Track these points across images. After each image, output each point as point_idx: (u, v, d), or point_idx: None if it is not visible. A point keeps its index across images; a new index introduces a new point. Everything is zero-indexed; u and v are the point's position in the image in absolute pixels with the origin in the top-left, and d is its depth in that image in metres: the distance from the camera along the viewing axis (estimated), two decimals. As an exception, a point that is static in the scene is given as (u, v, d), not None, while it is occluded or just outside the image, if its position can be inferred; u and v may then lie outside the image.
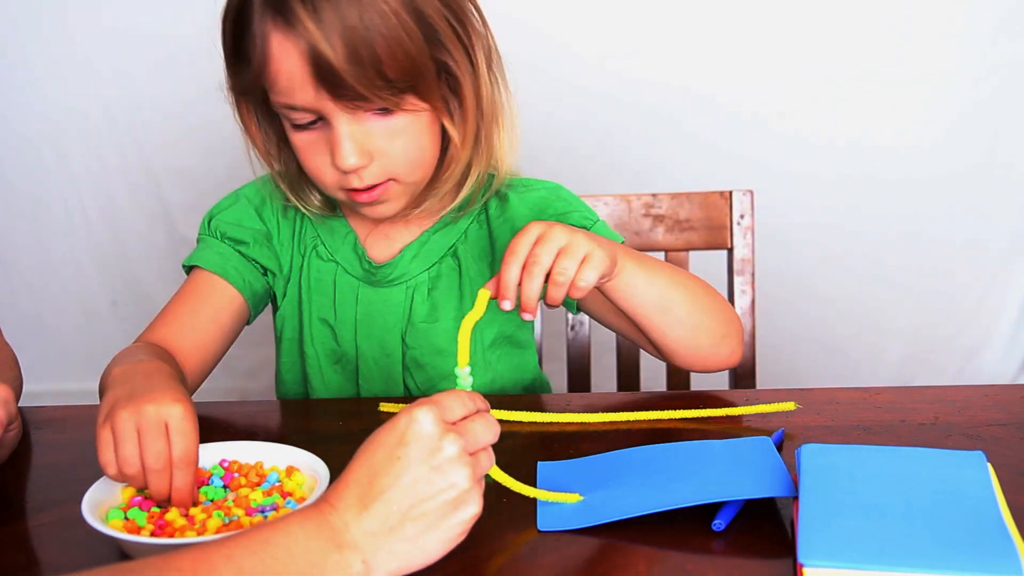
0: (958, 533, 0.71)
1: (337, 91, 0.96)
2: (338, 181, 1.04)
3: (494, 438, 0.76)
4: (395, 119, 1.01)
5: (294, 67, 0.96)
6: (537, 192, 1.19)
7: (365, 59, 0.94)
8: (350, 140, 1.00)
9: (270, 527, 0.68)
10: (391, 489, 0.70)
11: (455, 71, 1.03)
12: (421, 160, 1.06)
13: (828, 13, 2.44)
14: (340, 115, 0.99)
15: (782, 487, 0.80)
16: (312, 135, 1.03)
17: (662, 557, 0.75)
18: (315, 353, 1.19)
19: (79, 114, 2.58)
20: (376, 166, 1.02)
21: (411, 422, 0.71)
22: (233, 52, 1.04)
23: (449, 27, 1.01)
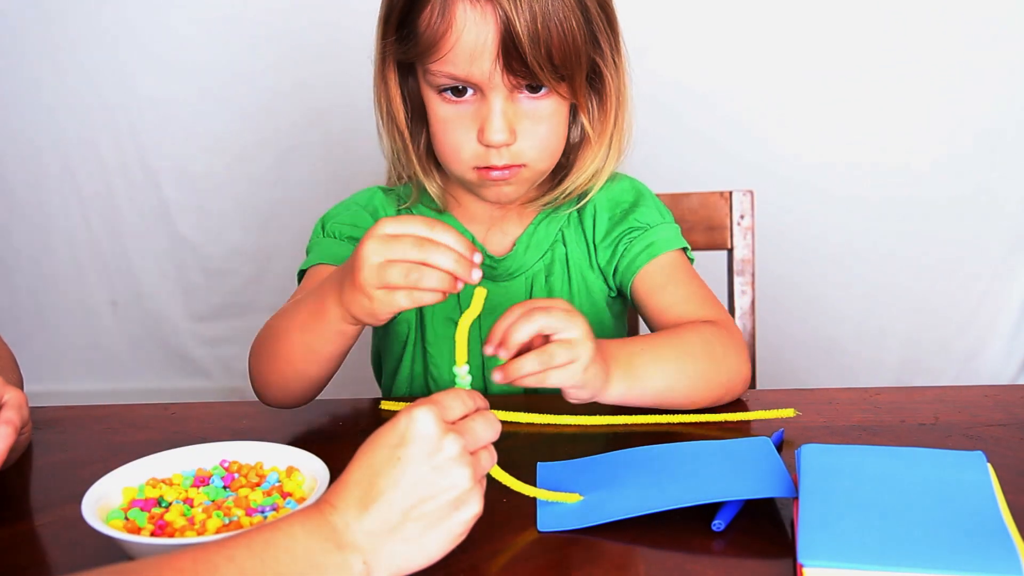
0: (958, 533, 0.71)
1: (514, 66, 1.01)
2: (475, 157, 1.07)
3: (495, 436, 0.76)
4: (544, 103, 1.06)
5: (484, 37, 1.00)
6: (618, 184, 1.23)
7: (543, 40, 1.00)
8: (503, 116, 1.04)
9: (271, 528, 0.68)
10: (391, 490, 0.70)
11: (602, 70, 1.10)
12: (554, 149, 1.11)
13: (829, 13, 2.44)
14: (500, 90, 1.03)
15: (782, 487, 0.80)
16: (460, 108, 1.06)
17: (662, 557, 0.75)
18: (440, 352, 1.21)
19: (79, 114, 2.59)
20: (515, 147, 1.06)
21: (411, 422, 0.71)
22: (401, 17, 1.06)
23: (604, 28, 1.08)
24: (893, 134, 2.50)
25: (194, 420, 1.08)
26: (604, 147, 1.15)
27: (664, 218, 1.21)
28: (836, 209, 2.53)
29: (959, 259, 2.56)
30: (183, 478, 0.87)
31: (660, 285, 1.15)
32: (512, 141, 1.06)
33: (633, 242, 1.18)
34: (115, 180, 2.63)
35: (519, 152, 1.07)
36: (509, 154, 1.07)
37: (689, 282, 1.16)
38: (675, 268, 1.17)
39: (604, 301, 1.23)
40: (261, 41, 2.53)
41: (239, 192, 2.62)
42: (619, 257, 1.19)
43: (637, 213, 1.19)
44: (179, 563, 0.64)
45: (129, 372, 2.73)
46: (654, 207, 1.22)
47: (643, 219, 1.19)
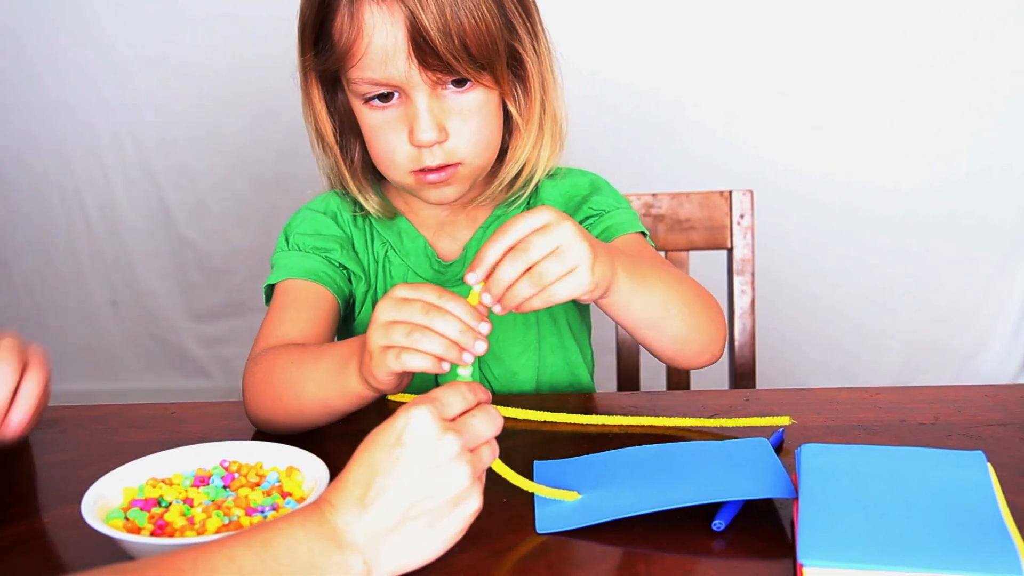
0: (958, 533, 0.71)
1: (429, 61, 1.00)
2: (410, 160, 1.07)
3: (496, 431, 0.76)
4: (470, 96, 1.06)
5: (393, 37, 1.00)
6: (571, 179, 1.22)
7: (454, 32, 1.00)
8: (429, 114, 1.04)
9: (271, 527, 0.68)
10: (390, 489, 0.70)
11: (523, 57, 1.09)
12: (488, 143, 1.10)
13: (830, 16, 2.45)
14: (422, 89, 1.03)
15: (781, 488, 0.80)
16: (387, 113, 1.06)
17: (662, 557, 0.75)
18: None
19: (79, 114, 2.59)
20: (448, 145, 1.06)
21: (408, 421, 0.71)
22: (316, 30, 1.06)
23: (519, 15, 1.08)
24: (893, 135, 2.50)
25: (194, 420, 1.08)
26: (533, 133, 1.13)
27: (620, 203, 1.20)
28: (836, 209, 2.53)
29: (959, 259, 2.57)
30: (183, 478, 0.87)
31: None
32: (443, 139, 1.05)
33: (590, 229, 1.16)
34: (115, 180, 2.63)
35: (452, 150, 1.06)
36: (443, 152, 1.06)
37: (653, 261, 1.12)
38: (639, 248, 1.15)
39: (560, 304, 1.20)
40: (261, 41, 2.53)
41: (239, 192, 2.62)
42: None
43: (591, 201, 1.18)
44: (179, 563, 0.64)
45: (129, 372, 2.74)
46: (610, 194, 1.20)
47: (598, 206, 1.18)
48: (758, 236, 1.48)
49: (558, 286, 0.83)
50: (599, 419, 1.02)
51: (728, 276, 1.45)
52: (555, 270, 0.82)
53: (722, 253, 1.47)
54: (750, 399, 1.07)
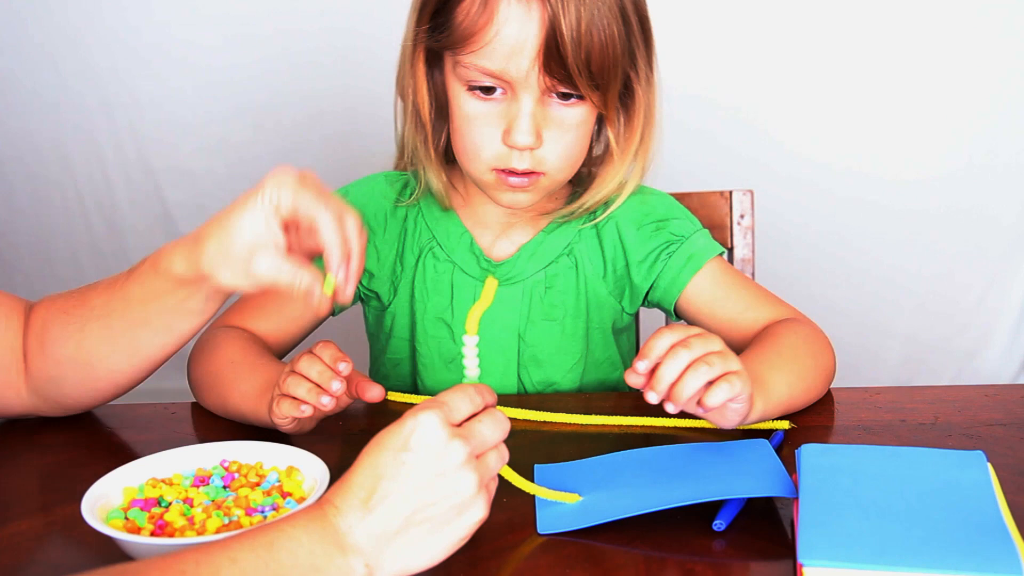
0: (958, 533, 0.71)
1: (552, 67, 0.99)
2: (496, 158, 1.05)
3: (503, 436, 0.75)
4: (573, 111, 1.04)
5: (527, 34, 0.98)
6: (642, 197, 1.20)
7: (584, 45, 0.98)
8: (531, 118, 1.02)
9: (274, 529, 0.68)
10: (395, 494, 0.69)
11: (634, 87, 1.08)
12: (575, 160, 1.09)
13: (829, 14, 2.45)
14: (533, 92, 1.01)
15: (781, 487, 0.80)
16: (488, 106, 1.04)
17: (662, 557, 0.75)
18: (429, 352, 1.19)
19: (79, 114, 2.59)
20: (539, 153, 1.04)
21: (416, 426, 0.71)
22: (440, 4, 1.03)
23: (641, 43, 1.07)
24: (893, 135, 2.50)
25: (194, 420, 1.08)
26: (627, 164, 1.13)
27: (696, 226, 1.19)
28: (836, 209, 2.53)
29: (959, 259, 2.56)
30: (183, 478, 0.87)
31: (718, 297, 1.14)
32: (537, 145, 1.03)
33: (672, 257, 1.15)
34: (115, 180, 2.63)
35: (541, 159, 1.05)
36: (531, 159, 1.04)
37: (744, 285, 1.15)
38: (723, 275, 1.16)
39: (611, 320, 1.21)
40: (261, 41, 2.53)
41: (239, 192, 2.61)
42: (658, 275, 1.16)
43: (670, 226, 1.17)
44: (181, 564, 0.64)
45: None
46: (686, 219, 1.19)
47: (678, 231, 1.17)
48: (758, 236, 1.48)
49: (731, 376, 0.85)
50: (599, 419, 1.02)
51: (728, 276, 1.45)
52: (720, 364, 0.84)
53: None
54: (750, 399, 1.07)
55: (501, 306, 1.16)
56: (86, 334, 0.97)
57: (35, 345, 0.99)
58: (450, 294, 1.17)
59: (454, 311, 1.17)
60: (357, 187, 1.22)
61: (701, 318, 1.15)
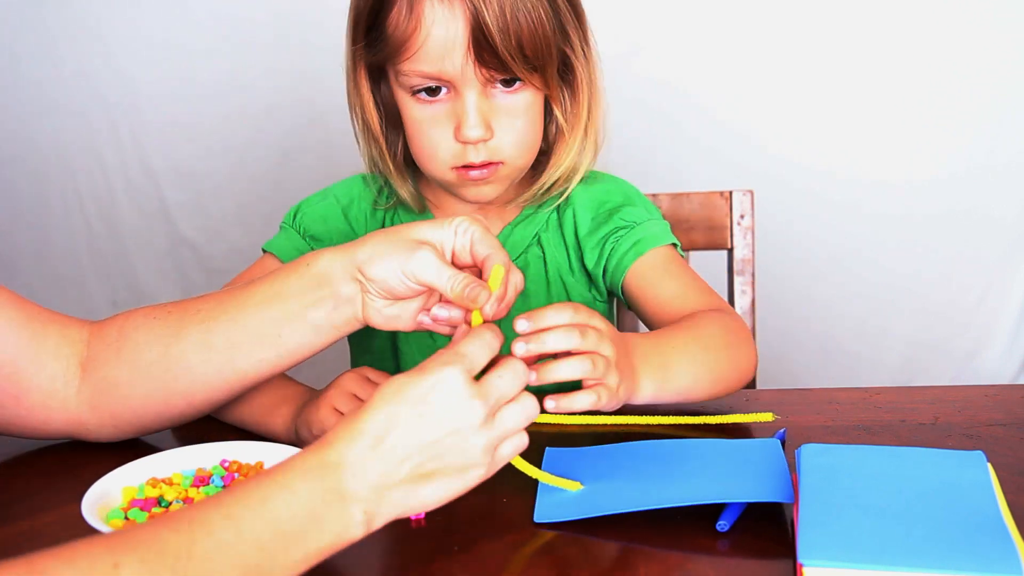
0: (958, 533, 0.71)
1: (485, 58, 1.01)
2: (453, 156, 1.07)
3: (521, 387, 0.75)
4: (518, 96, 1.07)
5: (454, 31, 1.00)
6: (601, 184, 1.22)
7: (512, 31, 1.01)
8: (477, 111, 1.04)
9: (269, 480, 0.67)
10: (405, 445, 0.69)
11: (573, 62, 1.11)
12: (531, 144, 1.11)
13: (829, 15, 2.45)
14: (474, 85, 1.04)
15: (780, 492, 0.80)
16: (434, 108, 1.06)
17: (662, 557, 0.75)
18: (411, 350, 1.21)
19: (79, 114, 2.59)
20: (492, 143, 1.06)
21: (438, 382, 0.71)
22: (370, 21, 1.06)
23: (571, 20, 1.09)
24: (893, 135, 2.50)
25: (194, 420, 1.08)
26: (578, 140, 1.14)
27: (651, 214, 1.19)
28: (836, 209, 2.53)
29: (959, 259, 2.56)
30: (183, 478, 0.87)
31: (655, 280, 1.14)
32: (489, 136, 1.06)
33: (620, 241, 1.16)
34: (115, 180, 2.63)
35: (497, 148, 1.07)
36: (487, 150, 1.07)
37: (683, 274, 1.14)
38: (667, 262, 1.15)
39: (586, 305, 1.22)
40: (261, 41, 2.53)
41: (239, 192, 2.62)
42: (607, 257, 1.17)
43: (623, 212, 1.18)
44: (175, 523, 0.63)
45: (129, 372, 2.73)
46: (640, 205, 1.20)
47: (629, 217, 1.18)
48: (758, 236, 1.48)
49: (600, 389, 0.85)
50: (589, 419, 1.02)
51: (728, 276, 1.46)
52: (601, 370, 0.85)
53: (722, 253, 1.47)
54: (750, 399, 1.07)
55: None
56: (181, 338, 0.91)
57: (108, 351, 0.94)
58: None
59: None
60: (339, 189, 1.24)
61: (637, 303, 1.16)
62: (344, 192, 1.23)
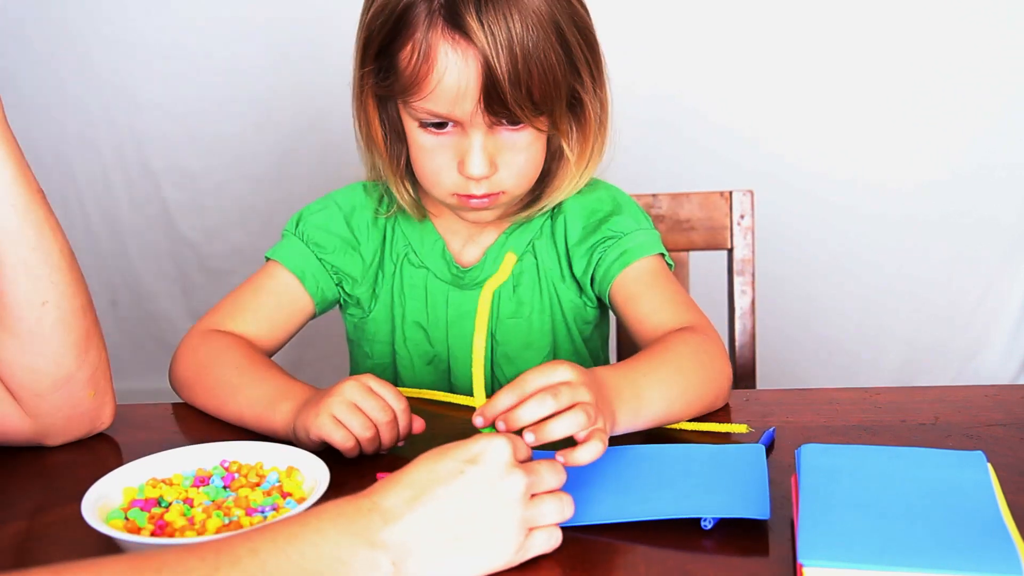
0: (958, 533, 0.71)
1: (493, 107, 1.01)
2: (455, 186, 1.08)
3: (559, 483, 0.76)
4: (522, 135, 1.07)
5: (466, 80, 1.00)
6: (593, 192, 1.21)
7: (522, 79, 1.00)
8: (483, 151, 1.05)
9: (299, 521, 0.67)
10: (443, 500, 0.69)
11: (582, 96, 1.10)
12: (532, 176, 1.12)
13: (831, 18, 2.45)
14: (480, 127, 1.04)
15: (756, 508, 0.79)
16: (440, 139, 1.07)
17: (662, 558, 0.75)
18: (408, 354, 1.22)
19: (79, 114, 2.59)
20: (495, 177, 1.07)
21: (488, 445, 0.72)
22: (380, 52, 1.06)
23: (583, 58, 1.08)
24: (893, 136, 2.50)
25: (194, 420, 1.08)
26: (583, 167, 1.15)
27: (640, 224, 1.19)
28: (837, 210, 2.53)
29: (959, 260, 2.56)
30: (183, 478, 0.87)
31: (637, 294, 1.13)
32: (492, 173, 1.07)
33: (608, 251, 1.16)
34: (115, 180, 2.63)
35: (499, 181, 1.08)
36: (488, 184, 1.07)
37: (665, 288, 1.14)
38: (651, 275, 1.15)
39: (575, 313, 1.22)
40: (261, 42, 2.53)
41: (239, 192, 2.62)
42: (594, 266, 1.17)
43: (612, 222, 1.18)
44: (202, 552, 0.63)
45: (129, 372, 2.73)
46: (630, 215, 1.20)
47: (617, 227, 1.17)
48: (758, 236, 1.48)
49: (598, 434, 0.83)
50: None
51: (728, 276, 1.45)
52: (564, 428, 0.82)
53: (722, 253, 1.47)
54: (750, 399, 1.07)
55: (472, 307, 1.18)
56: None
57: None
58: (424, 299, 1.20)
59: (428, 315, 1.20)
60: (340, 196, 1.23)
61: (620, 314, 1.16)
62: (345, 200, 1.23)
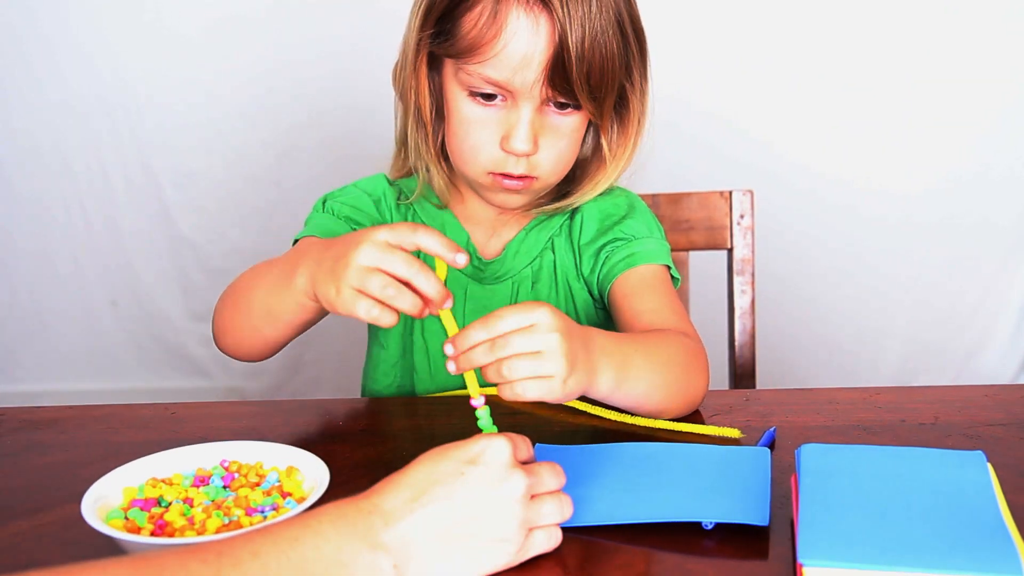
0: (958, 533, 0.71)
1: (556, 81, 1.01)
2: (493, 162, 1.08)
3: (559, 486, 0.75)
4: (569, 119, 1.07)
5: (536, 48, 1.00)
6: (612, 197, 1.22)
7: (586, 60, 1.01)
8: (530, 126, 1.05)
9: (301, 523, 0.67)
10: (444, 501, 0.69)
11: (628, 95, 1.11)
12: (567, 165, 1.13)
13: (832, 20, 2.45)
14: (533, 101, 1.04)
15: (755, 514, 0.79)
16: (488, 112, 1.06)
17: (661, 558, 0.76)
18: (424, 344, 1.21)
19: (79, 114, 2.59)
20: (534, 159, 1.07)
21: (488, 446, 0.72)
22: (446, 11, 1.04)
23: (637, 58, 1.10)
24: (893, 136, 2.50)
25: (194, 420, 1.08)
26: (619, 168, 1.16)
27: (652, 233, 1.19)
28: (836, 210, 2.53)
29: (959, 259, 2.57)
30: (183, 478, 0.87)
31: (636, 291, 1.13)
32: (534, 152, 1.06)
33: (615, 251, 1.17)
34: (115, 180, 2.63)
35: (536, 164, 1.08)
36: (527, 164, 1.07)
37: (665, 295, 1.13)
38: (654, 280, 1.15)
39: (589, 311, 1.22)
40: (261, 42, 2.53)
41: (239, 192, 2.62)
42: (601, 265, 1.18)
43: (624, 225, 1.18)
44: (204, 554, 0.63)
45: (129, 372, 2.74)
46: (643, 221, 1.20)
47: (628, 231, 1.18)
48: (758, 236, 1.48)
49: (528, 385, 0.82)
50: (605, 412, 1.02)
51: (728, 276, 1.46)
52: (526, 369, 0.81)
53: (722, 253, 1.47)
54: (750, 399, 1.07)
55: (492, 302, 1.18)
56: None
57: None
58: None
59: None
60: (365, 183, 1.23)
61: (616, 311, 1.15)
62: (371, 186, 1.22)
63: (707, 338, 1.10)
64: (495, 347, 0.81)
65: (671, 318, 1.10)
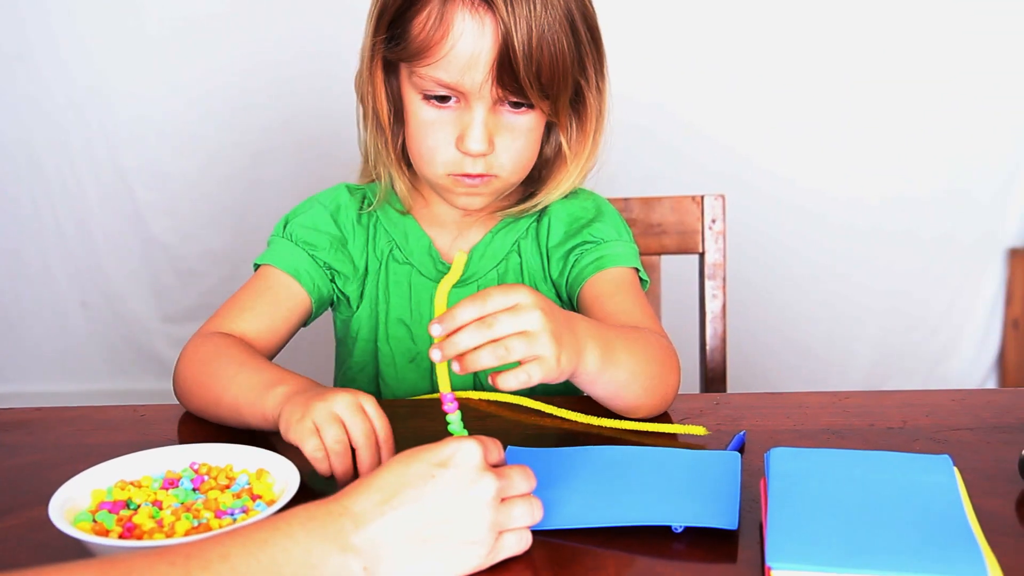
0: (924, 536, 0.71)
1: (505, 80, 1.02)
2: (451, 163, 1.08)
3: (529, 489, 0.75)
4: (523, 118, 1.08)
5: (481, 48, 1.01)
6: (579, 200, 1.22)
7: (535, 58, 1.01)
8: (483, 126, 1.05)
9: (271, 526, 0.67)
10: (414, 504, 0.69)
11: (584, 92, 1.12)
12: (526, 163, 1.12)
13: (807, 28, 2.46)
14: (485, 101, 1.04)
15: (724, 518, 0.79)
16: (442, 113, 1.07)
17: (631, 561, 0.76)
18: (390, 352, 1.21)
19: (50, 114, 2.57)
20: (491, 158, 1.08)
21: (459, 449, 0.72)
22: (396, 16, 1.06)
23: (591, 52, 1.10)
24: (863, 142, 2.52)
25: (164, 422, 1.07)
26: (580, 166, 1.16)
27: (620, 236, 1.20)
28: (807, 216, 2.55)
29: (927, 266, 2.59)
30: (152, 480, 0.86)
31: (606, 294, 1.14)
32: (490, 151, 1.07)
33: (584, 254, 1.17)
34: (86, 181, 2.61)
35: (494, 163, 1.08)
36: (484, 164, 1.08)
37: (635, 297, 1.14)
38: (624, 282, 1.15)
39: None
40: (235, 42, 2.52)
41: (211, 194, 2.61)
42: (570, 268, 1.18)
43: (593, 227, 1.19)
44: (172, 556, 0.63)
45: (99, 374, 2.71)
46: (611, 224, 1.20)
47: (597, 234, 1.18)
48: (730, 241, 1.49)
49: (532, 369, 0.82)
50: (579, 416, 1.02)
51: (699, 280, 1.46)
52: (521, 350, 0.81)
53: (694, 258, 1.48)
54: (720, 403, 1.08)
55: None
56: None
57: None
58: (408, 296, 1.20)
59: (412, 312, 1.20)
60: (324, 196, 1.23)
61: (586, 313, 1.14)
62: (330, 199, 1.22)
63: (678, 342, 1.11)
64: (485, 326, 0.80)
65: (642, 320, 1.10)
